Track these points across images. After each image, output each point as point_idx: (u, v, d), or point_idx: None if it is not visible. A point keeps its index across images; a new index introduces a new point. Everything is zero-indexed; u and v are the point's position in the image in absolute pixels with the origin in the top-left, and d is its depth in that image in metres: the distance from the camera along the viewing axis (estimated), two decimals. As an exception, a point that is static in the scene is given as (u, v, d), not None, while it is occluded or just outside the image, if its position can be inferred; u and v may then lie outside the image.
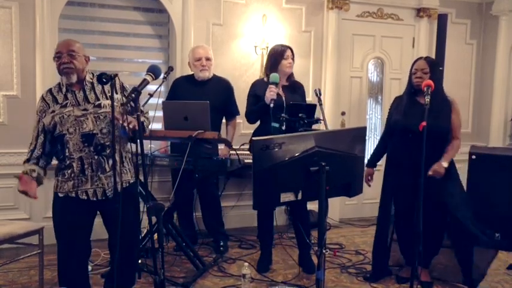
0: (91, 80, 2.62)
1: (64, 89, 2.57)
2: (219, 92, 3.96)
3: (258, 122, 3.73)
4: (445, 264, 3.61)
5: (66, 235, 2.58)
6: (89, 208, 2.58)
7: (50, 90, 2.61)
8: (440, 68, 4.59)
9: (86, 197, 2.53)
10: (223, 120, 4.14)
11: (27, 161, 2.58)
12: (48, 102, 2.56)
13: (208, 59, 3.94)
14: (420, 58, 3.31)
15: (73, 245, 2.59)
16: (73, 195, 2.53)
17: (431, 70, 3.20)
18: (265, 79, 3.58)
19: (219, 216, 4.19)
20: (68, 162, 2.52)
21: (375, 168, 3.57)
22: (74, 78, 2.53)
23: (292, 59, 3.60)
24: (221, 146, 3.93)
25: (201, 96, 3.73)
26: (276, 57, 3.57)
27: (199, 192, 4.21)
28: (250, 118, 3.66)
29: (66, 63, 2.50)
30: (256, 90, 3.58)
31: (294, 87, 3.66)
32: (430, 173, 3.07)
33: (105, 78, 2.38)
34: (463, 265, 3.35)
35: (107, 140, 2.53)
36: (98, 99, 2.55)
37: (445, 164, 3.12)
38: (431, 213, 3.19)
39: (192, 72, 4.04)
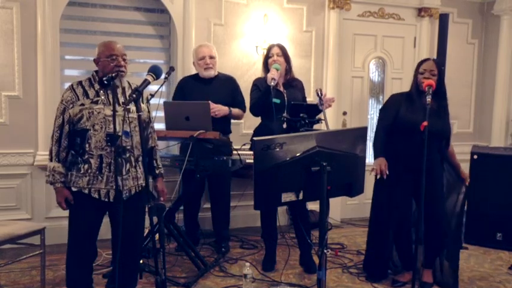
0: (124, 85, 2.69)
1: (97, 86, 2.60)
2: (225, 90, 3.97)
3: (259, 121, 3.75)
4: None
5: (77, 232, 2.60)
6: (99, 207, 2.61)
7: (80, 83, 2.63)
8: (442, 68, 4.59)
9: (97, 196, 2.55)
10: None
11: (57, 157, 2.58)
12: (78, 94, 2.57)
13: (212, 57, 3.96)
14: (428, 59, 3.30)
15: (82, 242, 2.60)
16: (86, 191, 2.54)
17: (439, 72, 3.20)
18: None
19: (227, 220, 4.19)
20: (86, 157, 2.53)
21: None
22: (124, 81, 2.68)
23: (281, 55, 3.62)
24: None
25: (208, 94, 3.78)
26: (265, 58, 3.71)
27: (211, 193, 4.22)
28: (254, 108, 3.67)
29: (122, 66, 2.59)
30: (259, 86, 3.63)
31: (292, 84, 3.71)
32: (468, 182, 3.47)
33: (106, 81, 2.42)
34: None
35: (129, 144, 2.58)
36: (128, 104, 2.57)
37: (462, 168, 3.50)
38: (433, 215, 3.19)
39: (197, 72, 4.05)
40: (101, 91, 2.59)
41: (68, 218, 2.63)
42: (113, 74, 2.45)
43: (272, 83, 3.38)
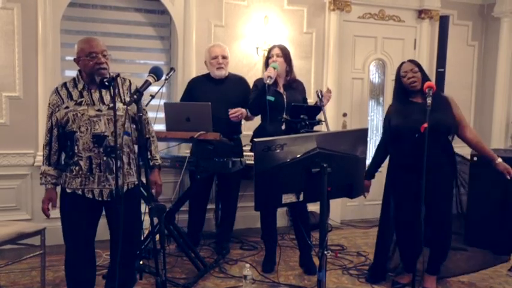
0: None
1: (80, 86, 2.55)
2: (236, 90, 3.98)
3: (258, 122, 3.76)
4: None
5: (73, 233, 2.59)
6: (94, 207, 2.59)
7: (65, 85, 2.58)
8: (442, 70, 4.59)
9: (91, 196, 2.54)
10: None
11: (47, 161, 2.58)
12: (63, 97, 2.54)
13: (224, 57, 3.98)
14: (403, 62, 3.31)
15: (79, 243, 2.60)
16: (80, 192, 2.54)
17: (420, 69, 3.22)
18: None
19: (232, 222, 4.20)
20: (75, 159, 2.52)
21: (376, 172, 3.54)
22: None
23: (281, 56, 3.62)
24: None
25: (219, 94, 3.81)
26: (266, 59, 3.73)
27: (219, 195, 4.28)
28: (251, 107, 3.68)
29: (103, 63, 2.51)
30: (258, 86, 3.63)
31: (293, 85, 3.70)
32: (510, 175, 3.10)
33: (107, 82, 2.38)
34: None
35: (117, 143, 2.54)
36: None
37: (500, 159, 3.12)
38: (436, 217, 3.18)
39: (208, 72, 4.06)
40: (84, 91, 2.54)
41: (61, 221, 2.61)
42: (114, 75, 2.43)
43: (268, 81, 3.38)
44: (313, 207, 4.52)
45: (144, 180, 2.51)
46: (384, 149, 3.44)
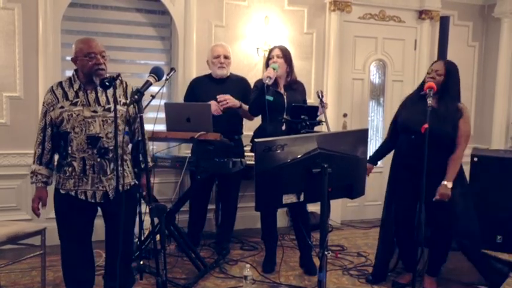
0: None
1: (76, 86, 2.54)
2: (238, 90, 3.97)
3: (258, 123, 3.76)
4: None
5: (68, 235, 2.60)
6: (88, 208, 2.59)
7: (60, 84, 2.57)
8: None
9: (84, 198, 2.54)
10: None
11: (39, 160, 2.56)
12: (58, 96, 2.52)
13: (226, 57, 4.00)
14: (439, 60, 3.28)
15: (74, 244, 2.60)
16: (73, 193, 2.53)
17: (447, 73, 3.11)
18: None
19: (233, 222, 4.20)
20: (69, 159, 2.51)
21: (375, 166, 3.55)
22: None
23: (281, 57, 3.61)
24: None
25: (220, 94, 3.81)
26: (267, 60, 3.74)
27: (220, 195, 4.31)
28: (252, 108, 3.67)
29: (101, 64, 2.49)
30: (259, 86, 3.61)
31: (293, 86, 3.70)
32: (437, 197, 3.02)
33: (108, 82, 2.36)
34: (479, 268, 3.36)
35: (111, 144, 2.51)
36: (109, 103, 2.53)
37: (449, 185, 3.05)
38: (436, 219, 3.17)
39: (210, 72, 4.07)
40: (80, 92, 2.53)
41: (56, 221, 2.62)
42: (114, 75, 2.43)
43: (267, 81, 3.38)
44: (314, 207, 4.51)
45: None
46: (390, 138, 3.44)
